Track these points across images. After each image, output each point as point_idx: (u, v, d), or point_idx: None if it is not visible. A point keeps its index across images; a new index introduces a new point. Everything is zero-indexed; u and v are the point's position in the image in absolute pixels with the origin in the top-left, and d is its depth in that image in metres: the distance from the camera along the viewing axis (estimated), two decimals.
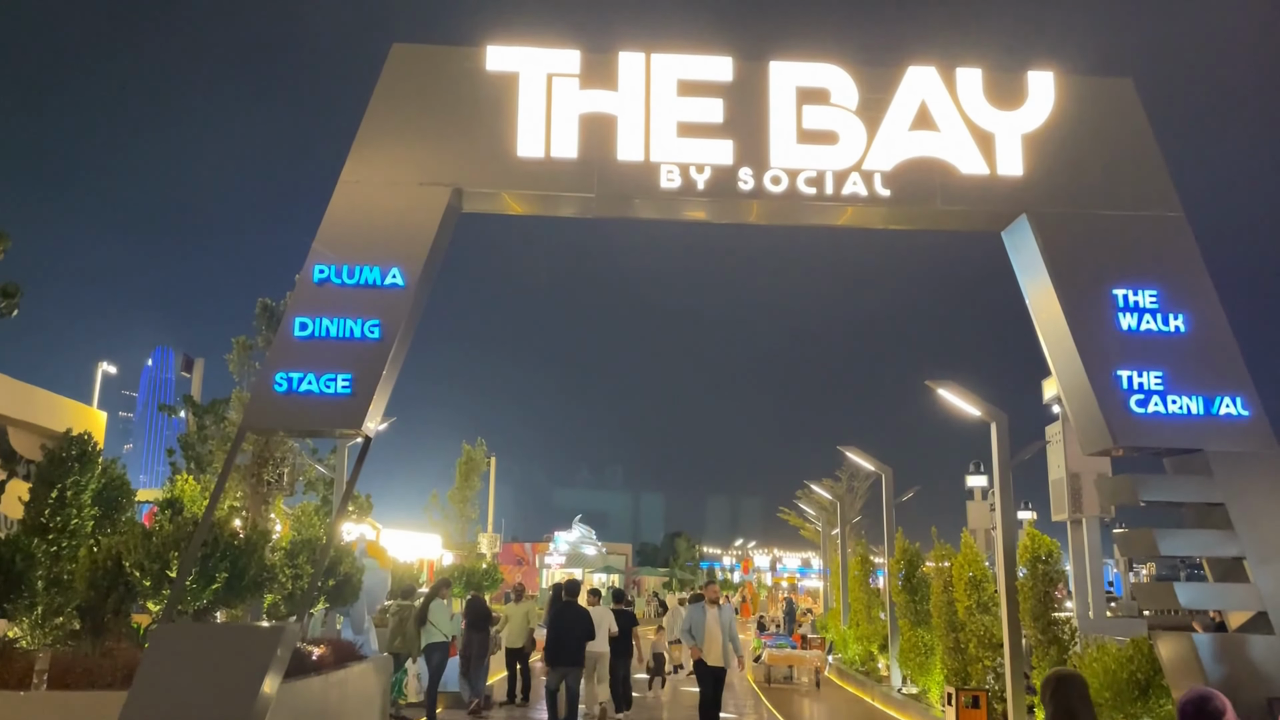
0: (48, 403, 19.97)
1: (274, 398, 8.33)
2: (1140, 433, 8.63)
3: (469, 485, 27.63)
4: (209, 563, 8.75)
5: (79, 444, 10.95)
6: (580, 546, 69.48)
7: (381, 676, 12.28)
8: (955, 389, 14.56)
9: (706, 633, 12.75)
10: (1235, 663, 7.89)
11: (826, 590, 37.85)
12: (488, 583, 24.53)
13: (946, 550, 16.33)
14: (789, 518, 43.99)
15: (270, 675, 7.50)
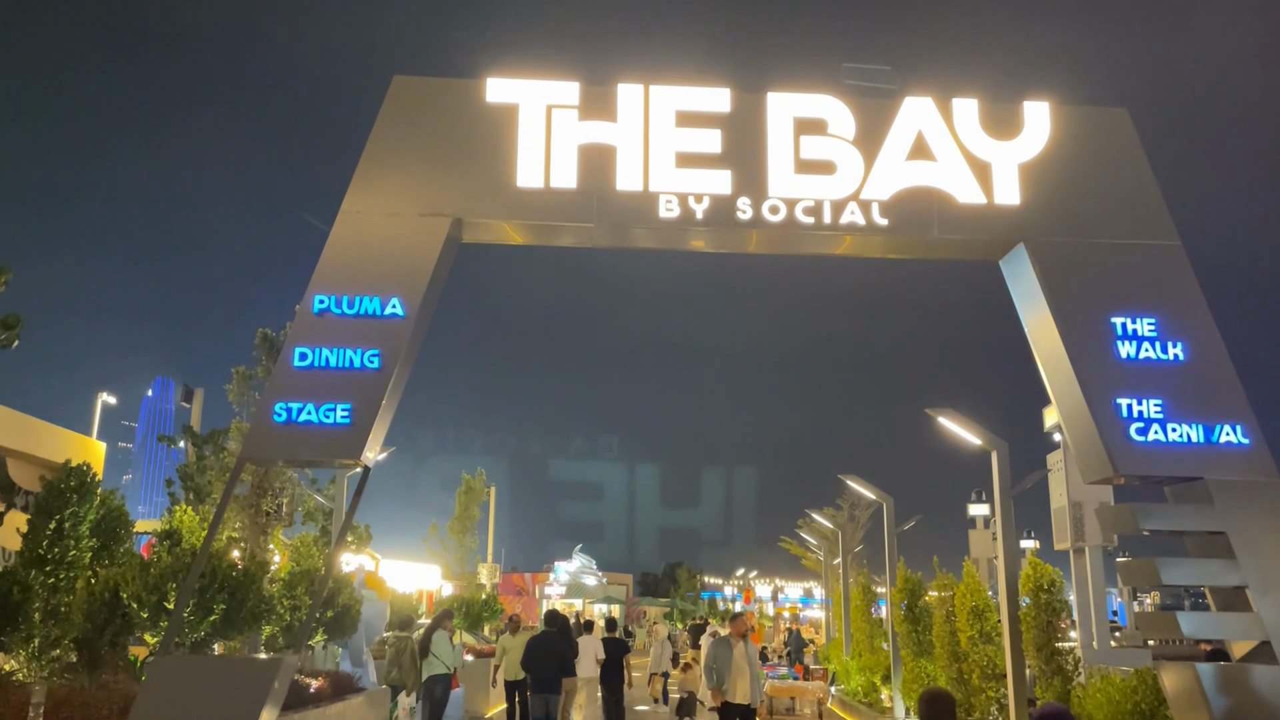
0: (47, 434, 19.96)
1: (273, 428, 8.32)
2: (1140, 461, 8.61)
3: (468, 515, 27.58)
4: (207, 594, 8.71)
5: (78, 475, 10.93)
6: (581, 576, 69.08)
7: (379, 709, 12.19)
8: (955, 417, 14.54)
9: (734, 669, 12.21)
10: (1239, 693, 7.83)
11: (828, 620, 37.61)
12: (487, 614, 24.38)
13: (948, 580, 16.25)
14: (790, 547, 43.80)
15: (268, 708, 7.44)
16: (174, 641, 8.45)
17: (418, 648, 13.52)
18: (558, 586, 65.91)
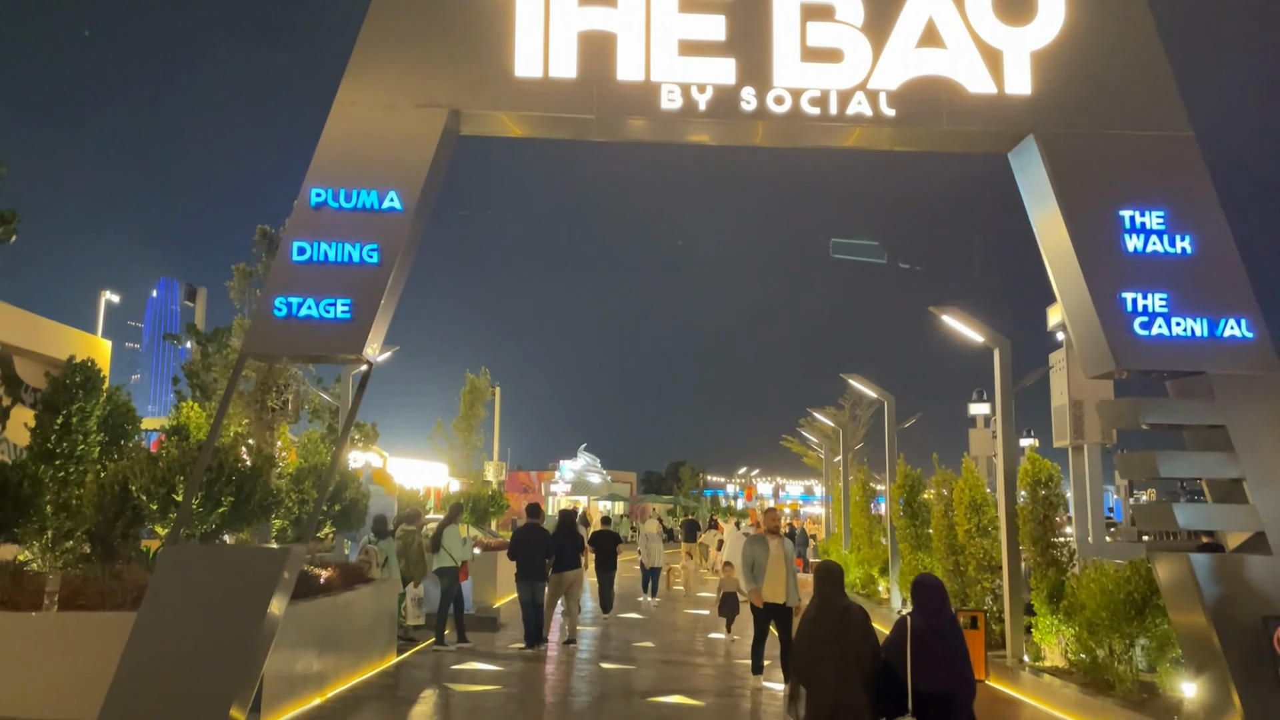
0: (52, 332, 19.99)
1: (274, 323, 8.31)
2: (1143, 355, 8.60)
3: (473, 414, 27.81)
4: (214, 487, 8.83)
5: (83, 370, 10.96)
6: (585, 475, 70.17)
7: (389, 598, 12.47)
8: (958, 315, 14.51)
9: (769, 568, 11.53)
10: (1232, 582, 7.97)
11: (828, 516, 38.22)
12: (494, 509, 24.79)
13: (947, 476, 16.42)
14: (792, 445, 44.30)
15: (277, 596, 7.61)
16: (183, 532, 8.59)
17: (429, 542, 13.79)
18: (563, 484, 67.05)
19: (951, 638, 6.44)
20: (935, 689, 6.20)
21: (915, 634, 6.28)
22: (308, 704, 9.33)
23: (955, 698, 6.24)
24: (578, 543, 15.34)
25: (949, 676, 6.26)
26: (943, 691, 6.22)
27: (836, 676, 6.33)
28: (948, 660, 6.29)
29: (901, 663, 6.24)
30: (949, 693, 6.23)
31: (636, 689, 11.37)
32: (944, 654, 6.27)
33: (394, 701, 10.08)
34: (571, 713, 10.01)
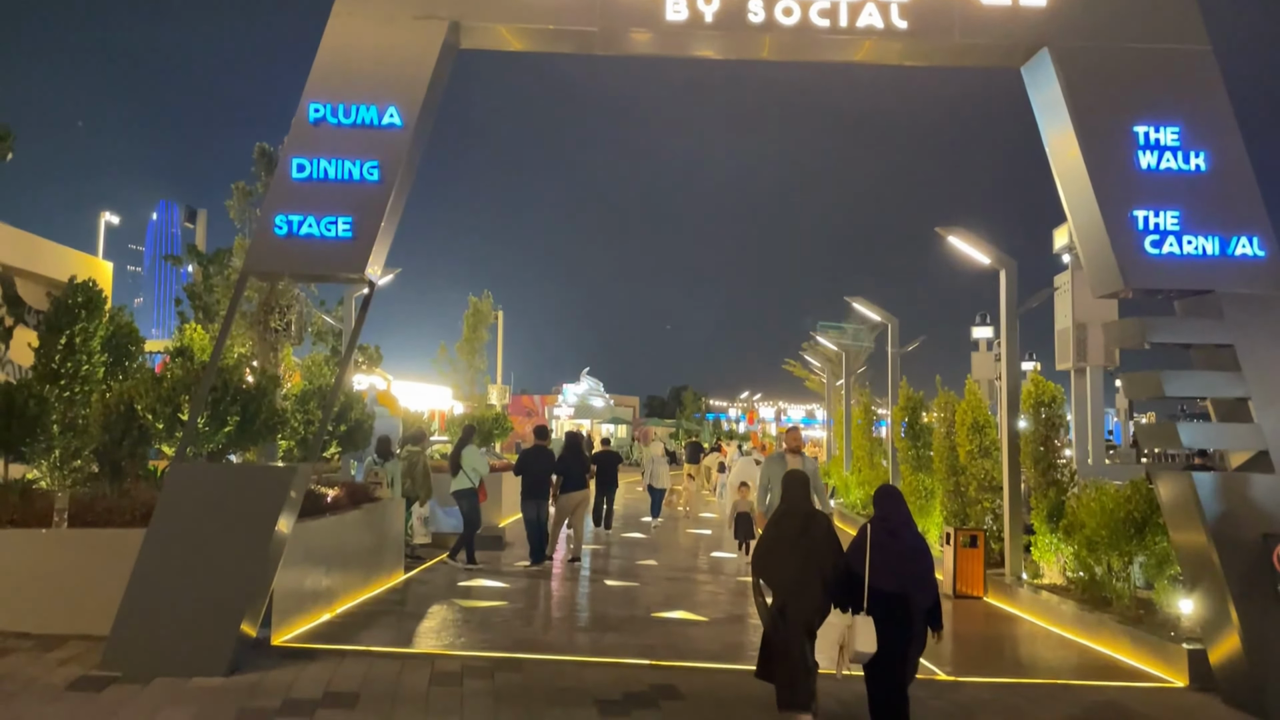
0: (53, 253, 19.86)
1: (275, 241, 8.23)
2: (1153, 274, 8.52)
3: (477, 337, 27.82)
4: (220, 406, 8.84)
5: (85, 291, 10.92)
6: (588, 398, 70.42)
7: (395, 518, 12.60)
8: (965, 236, 14.37)
9: None
10: (1234, 500, 8.01)
11: (829, 440, 38.44)
12: (498, 431, 24.94)
13: (950, 397, 16.45)
14: (794, 369, 44.37)
15: (285, 513, 7.68)
16: (189, 451, 8.64)
17: (449, 464, 13.84)
18: (566, 408, 67.33)
19: (909, 541, 6.72)
20: (891, 589, 6.45)
21: (875, 537, 6.59)
22: (317, 619, 9.48)
23: (912, 600, 6.46)
24: (584, 465, 15.48)
25: (905, 578, 6.50)
26: (899, 592, 6.45)
27: (796, 574, 6.75)
28: (904, 562, 6.57)
29: (861, 563, 6.52)
30: (905, 594, 6.46)
31: (641, 605, 11.54)
32: (901, 556, 6.57)
33: (403, 616, 10.25)
34: (578, 627, 10.18)
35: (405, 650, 8.60)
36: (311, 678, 7.40)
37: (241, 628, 7.47)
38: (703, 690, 7.74)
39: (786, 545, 6.86)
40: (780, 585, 6.82)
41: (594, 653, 8.85)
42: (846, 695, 7.54)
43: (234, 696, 6.82)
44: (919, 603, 6.52)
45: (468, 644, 9.00)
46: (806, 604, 6.65)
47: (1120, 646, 9.73)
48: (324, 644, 8.58)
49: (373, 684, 7.33)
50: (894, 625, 6.38)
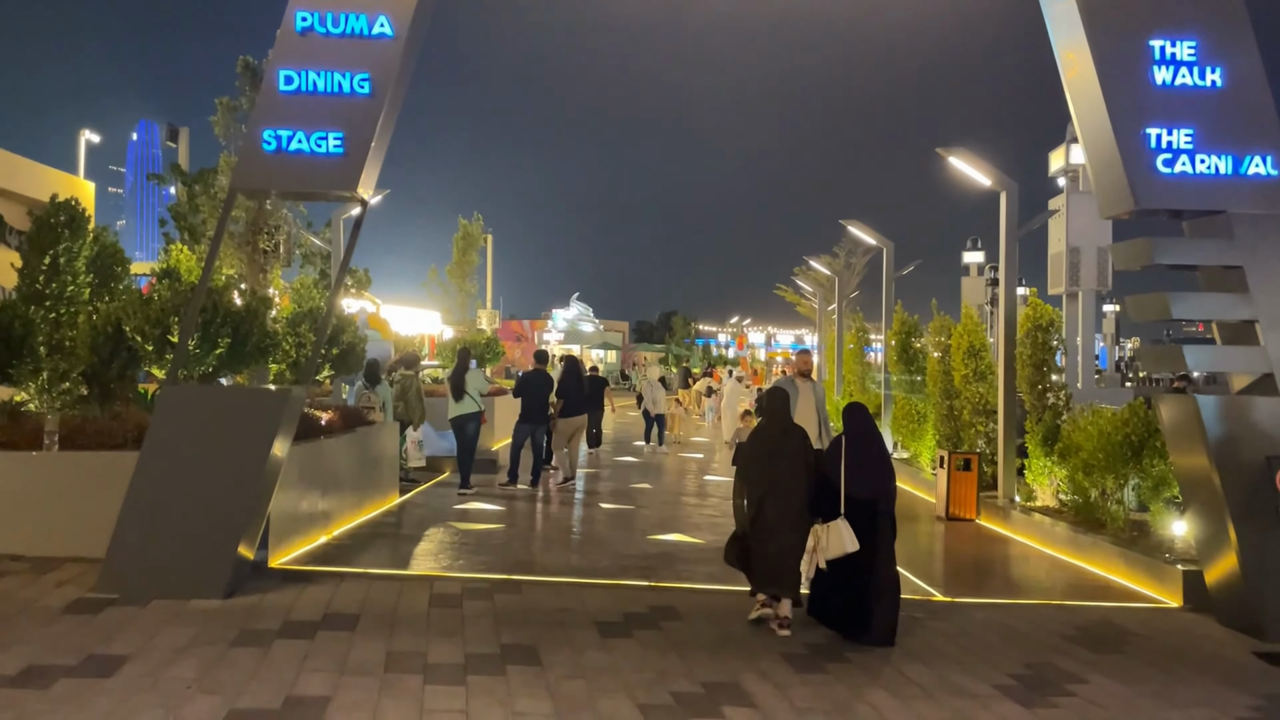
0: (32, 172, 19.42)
1: (263, 157, 7.96)
2: (1164, 193, 8.34)
3: (466, 261, 27.51)
4: (210, 329, 8.66)
5: (67, 209, 10.62)
6: (578, 324, 70.29)
7: (390, 440, 12.52)
8: (966, 156, 14.13)
9: (799, 413, 10.00)
10: (1237, 423, 7.97)
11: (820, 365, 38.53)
12: (489, 355, 24.83)
13: (946, 322, 16.36)
14: (785, 294, 44.25)
15: (280, 436, 7.57)
16: (180, 374, 8.49)
17: (450, 388, 13.68)
18: (555, 333, 67.23)
19: (877, 450, 7.59)
20: (864, 495, 7.24)
21: (849, 449, 7.37)
22: (315, 541, 9.45)
23: (878, 502, 7.30)
24: (583, 390, 15.44)
25: (874, 484, 7.34)
26: (870, 497, 7.27)
27: (772, 484, 7.22)
28: (875, 470, 7.41)
29: (837, 473, 7.29)
30: (874, 498, 7.29)
31: (637, 527, 11.56)
32: (871, 465, 7.40)
33: (400, 539, 10.24)
34: (576, 550, 10.18)
35: (403, 572, 8.59)
36: (311, 599, 7.37)
37: (239, 550, 7.42)
38: (701, 610, 7.75)
39: (765, 459, 7.34)
40: (759, 495, 7.25)
41: (592, 575, 8.85)
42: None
43: (233, 618, 6.79)
44: (884, 502, 7.33)
45: (466, 566, 9.00)
46: (785, 508, 7.17)
47: (1114, 568, 9.80)
48: (322, 566, 8.56)
49: (372, 606, 7.31)
50: (865, 528, 7.11)
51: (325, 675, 5.71)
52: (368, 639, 6.47)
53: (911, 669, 6.53)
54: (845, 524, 7.07)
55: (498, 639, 6.65)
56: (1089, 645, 7.35)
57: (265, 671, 5.74)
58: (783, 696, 5.84)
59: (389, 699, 5.39)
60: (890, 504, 7.41)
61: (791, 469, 7.25)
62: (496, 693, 5.59)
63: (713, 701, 5.67)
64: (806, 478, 7.27)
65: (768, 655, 6.68)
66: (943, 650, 7.04)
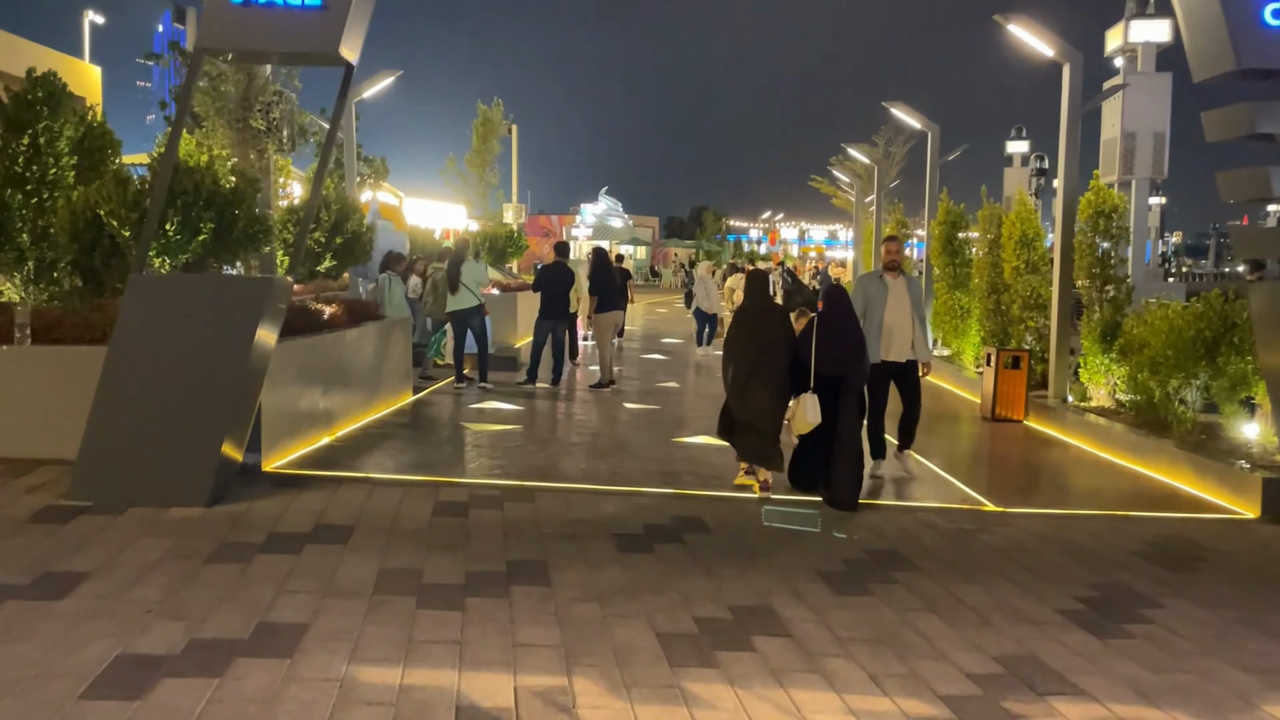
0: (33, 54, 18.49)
1: (231, 11, 7.02)
2: (1272, 50, 7.23)
3: (487, 149, 26.28)
4: (191, 212, 7.88)
5: (45, 84, 9.76)
6: (607, 219, 68.98)
7: (402, 335, 11.83)
8: (1026, 24, 12.82)
9: (888, 316, 8.80)
10: None
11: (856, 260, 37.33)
12: (511, 249, 23.96)
13: (996, 210, 15.28)
14: (821, 185, 42.67)
15: (264, 327, 6.85)
16: (162, 263, 7.78)
17: (448, 281, 12.94)
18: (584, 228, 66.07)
19: (848, 330, 7.91)
20: (832, 372, 7.63)
21: (821, 327, 7.81)
22: (315, 443, 8.84)
23: (847, 378, 7.66)
24: (615, 281, 14.67)
25: (843, 361, 7.67)
26: (838, 375, 7.63)
27: (753, 361, 7.72)
28: (844, 350, 7.71)
29: (808, 351, 7.67)
30: (843, 375, 7.66)
31: (662, 429, 10.87)
32: (841, 345, 7.72)
33: (407, 440, 9.62)
34: (595, 453, 9.51)
35: (407, 478, 7.94)
36: (303, 508, 6.76)
37: (224, 452, 6.78)
38: (729, 521, 7.07)
39: (747, 337, 7.84)
40: (741, 370, 7.80)
41: (612, 481, 8.18)
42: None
43: (214, 529, 6.18)
44: (852, 379, 7.70)
45: (476, 471, 8.36)
46: (765, 384, 7.68)
47: (1182, 474, 9.00)
48: (320, 470, 7.93)
49: (369, 516, 6.68)
50: (831, 402, 7.59)
51: (307, 598, 5.08)
52: (359, 554, 5.84)
53: (965, 591, 5.82)
54: (813, 398, 7.53)
55: (504, 554, 6.00)
56: (1161, 563, 6.61)
57: (240, 592, 5.12)
58: (820, 622, 5.16)
59: (374, 626, 4.75)
60: (859, 381, 7.78)
61: (771, 347, 7.73)
62: (497, 619, 4.94)
63: (742, 629, 5.00)
64: (785, 355, 7.73)
65: (803, 572, 5.99)
66: (999, 568, 6.33)
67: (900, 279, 9.01)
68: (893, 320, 8.80)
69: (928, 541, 6.95)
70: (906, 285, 9.00)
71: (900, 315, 8.81)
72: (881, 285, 8.93)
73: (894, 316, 8.79)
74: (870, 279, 9.21)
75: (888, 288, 8.91)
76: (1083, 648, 5.03)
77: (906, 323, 8.82)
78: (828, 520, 7.16)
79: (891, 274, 9.00)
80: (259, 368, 7.00)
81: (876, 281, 9.03)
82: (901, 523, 7.40)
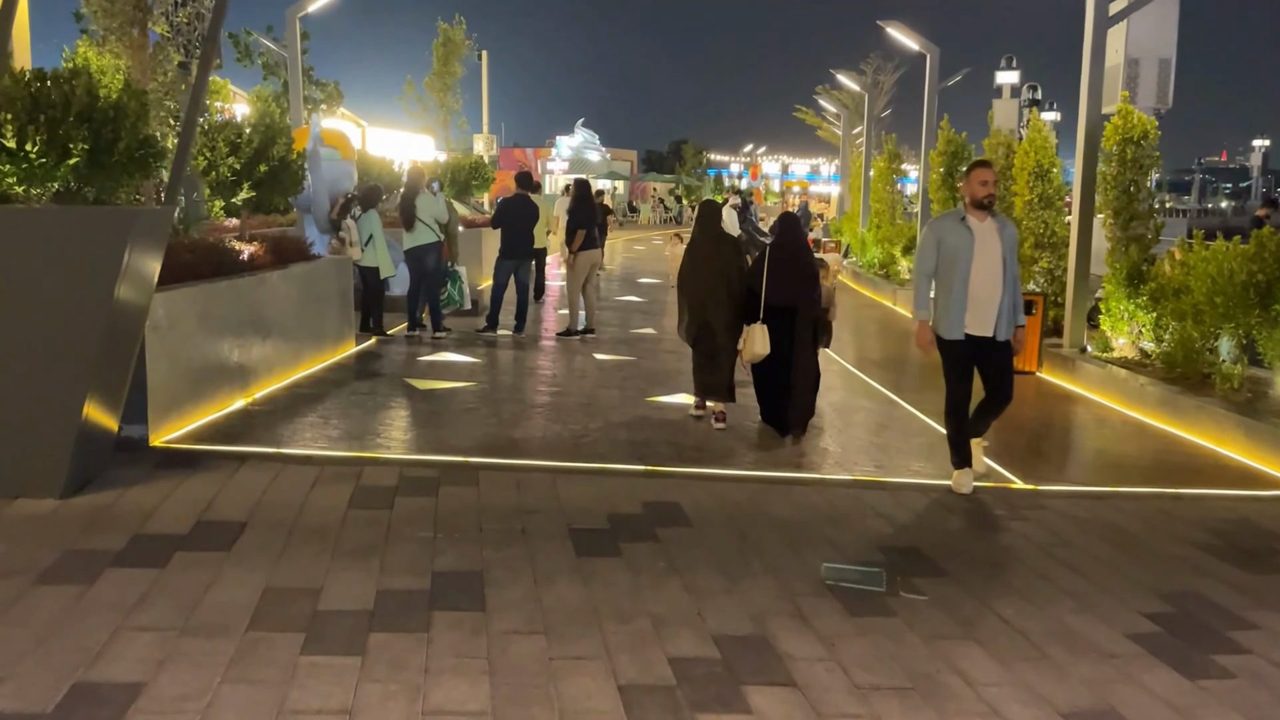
0: None
1: None
2: None
3: (448, 72, 24.34)
4: (59, 129, 6.43)
5: None
6: (583, 152, 66.84)
7: (342, 278, 10.44)
8: None
9: (975, 276, 6.25)
10: None
11: (842, 195, 35.92)
12: (476, 181, 22.35)
13: (1006, 139, 13.93)
14: (806, 116, 40.98)
15: (133, 267, 5.46)
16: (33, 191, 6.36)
17: (401, 216, 11.56)
18: (560, 162, 64.03)
19: (802, 261, 7.89)
20: (784, 303, 7.60)
21: (772, 257, 7.74)
22: (225, 408, 7.51)
23: (798, 309, 7.62)
24: (596, 218, 13.28)
25: (795, 292, 7.63)
26: (789, 305, 7.60)
27: (707, 293, 7.76)
28: (797, 278, 7.69)
29: (759, 282, 7.66)
30: (794, 306, 7.62)
31: (635, 384, 9.62)
32: (794, 273, 7.70)
33: (337, 403, 8.28)
34: (554, 416, 8.23)
35: (326, 453, 6.63)
36: (186, 497, 5.46)
37: (87, 425, 5.45)
38: (713, 508, 5.85)
39: (700, 267, 7.84)
40: (695, 303, 7.82)
41: (574, 454, 6.93)
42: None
43: (64, 530, 4.88)
44: (804, 308, 7.63)
45: (412, 443, 7.08)
46: (717, 315, 7.72)
47: (1230, 439, 7.86)
48: (222, 444, 6.60)
49: (268, 507, 5.39)
50: (784, 333, 7.55)
51: (154, 639, 3.80)
52: (242, 567, 4.56)
53: (1009, 606, 4.64)
54: (762, 329, 7.55)
55: (431, 562, 4.74)
56: (1235, 560, 5.46)
57: (66, 630, 3.84)
58: (832, 660, 3.96)
59: (235, 686, 3.48)
60: (811, 310, 7.71)
61: (723, 278, 7.75)
62: (408, 667, 3.69)
63: (732, 675, 3.79)
64: (737, 286, 7.76)
65: (807, 581, 4.79)
66: (1043, 570, 5.15)
67: (990, 223, 6.35)
68: (980, 280, 6.26)
69: (953, 532, 5.77)
70: (998, 231, 6.35)
71: (989, 274, 6.26)
72: (965, 232, 6.30)
73: (983, 275, 6.26)
74: (949, 223, 6.45)
75: (973, 235, 6.29)
76: (1173, 694, 3.87)
77: (996, 283, 6.27)
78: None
79: (979, 215, 6.36)
80: (131, 318, 5.65)
81: (958, 226, 6.35)
82: (917, 506, 6.21)
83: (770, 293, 7.56)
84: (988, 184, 6.37)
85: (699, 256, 7.89)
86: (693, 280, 7.87)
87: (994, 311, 6.28)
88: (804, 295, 7.64)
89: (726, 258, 7.85)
